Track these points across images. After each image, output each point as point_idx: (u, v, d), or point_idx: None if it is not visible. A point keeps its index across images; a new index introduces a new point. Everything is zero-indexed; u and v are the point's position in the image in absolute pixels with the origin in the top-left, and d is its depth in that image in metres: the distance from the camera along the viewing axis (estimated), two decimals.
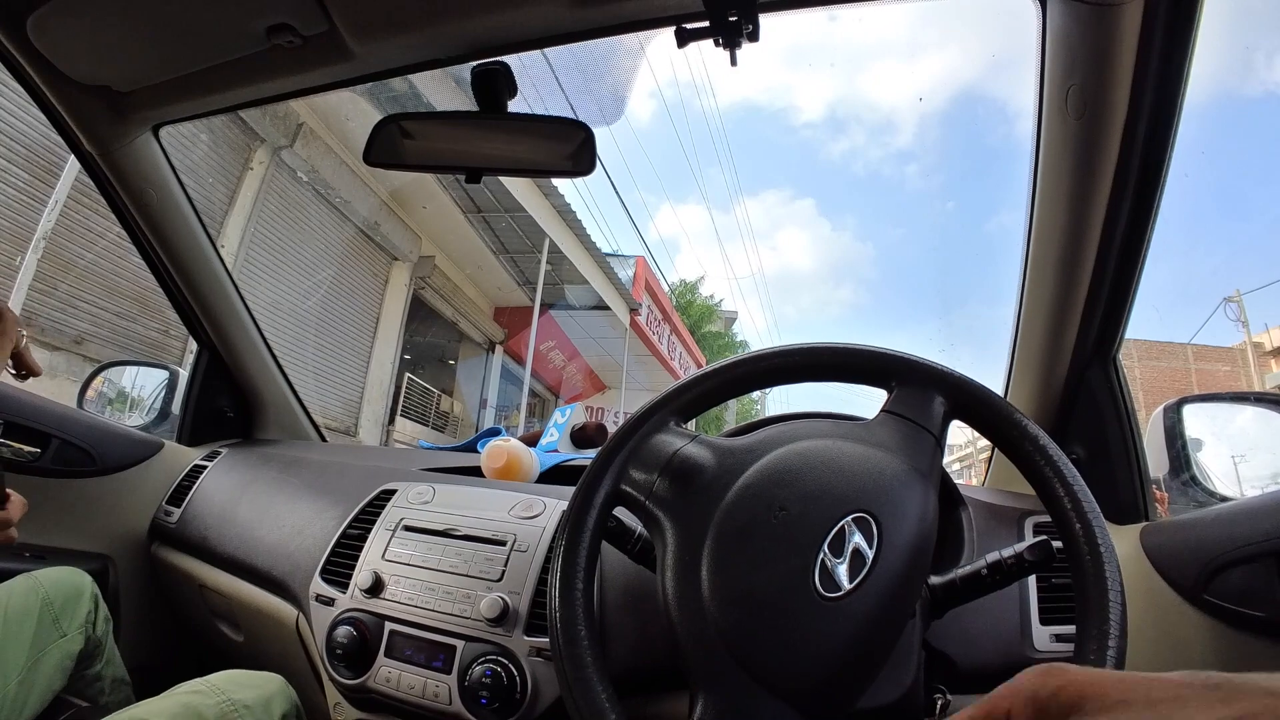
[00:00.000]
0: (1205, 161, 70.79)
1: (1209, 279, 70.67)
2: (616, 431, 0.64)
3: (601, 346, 11.74)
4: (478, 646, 0.80)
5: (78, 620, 0.95)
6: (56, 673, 0.91)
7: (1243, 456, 1.07)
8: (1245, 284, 35.27)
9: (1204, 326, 21.16)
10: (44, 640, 0.90)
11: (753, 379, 0.66)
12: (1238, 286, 19.06)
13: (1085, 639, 0.51)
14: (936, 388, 0.62)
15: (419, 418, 8.95)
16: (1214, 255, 70.58)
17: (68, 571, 0.99)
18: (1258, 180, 74.27)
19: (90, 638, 0.97)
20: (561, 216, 8.72)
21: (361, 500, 1.00)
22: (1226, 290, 23.63)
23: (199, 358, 1.45)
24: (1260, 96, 59.73)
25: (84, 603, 0.98)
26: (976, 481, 1.47)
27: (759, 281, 44.90)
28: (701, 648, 0.54)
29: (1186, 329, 33.69)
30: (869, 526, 0.55)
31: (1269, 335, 11.75)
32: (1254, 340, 11.92)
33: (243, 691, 0.85)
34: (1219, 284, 54.94)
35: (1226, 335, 12.71)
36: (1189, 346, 12.55)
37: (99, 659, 1.00)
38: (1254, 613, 0.67)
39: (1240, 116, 62.52)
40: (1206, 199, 68.60)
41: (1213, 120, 60.62)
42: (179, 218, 1.26)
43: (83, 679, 0.97)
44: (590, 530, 0.61)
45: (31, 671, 0.87)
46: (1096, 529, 0.55)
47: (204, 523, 1.20)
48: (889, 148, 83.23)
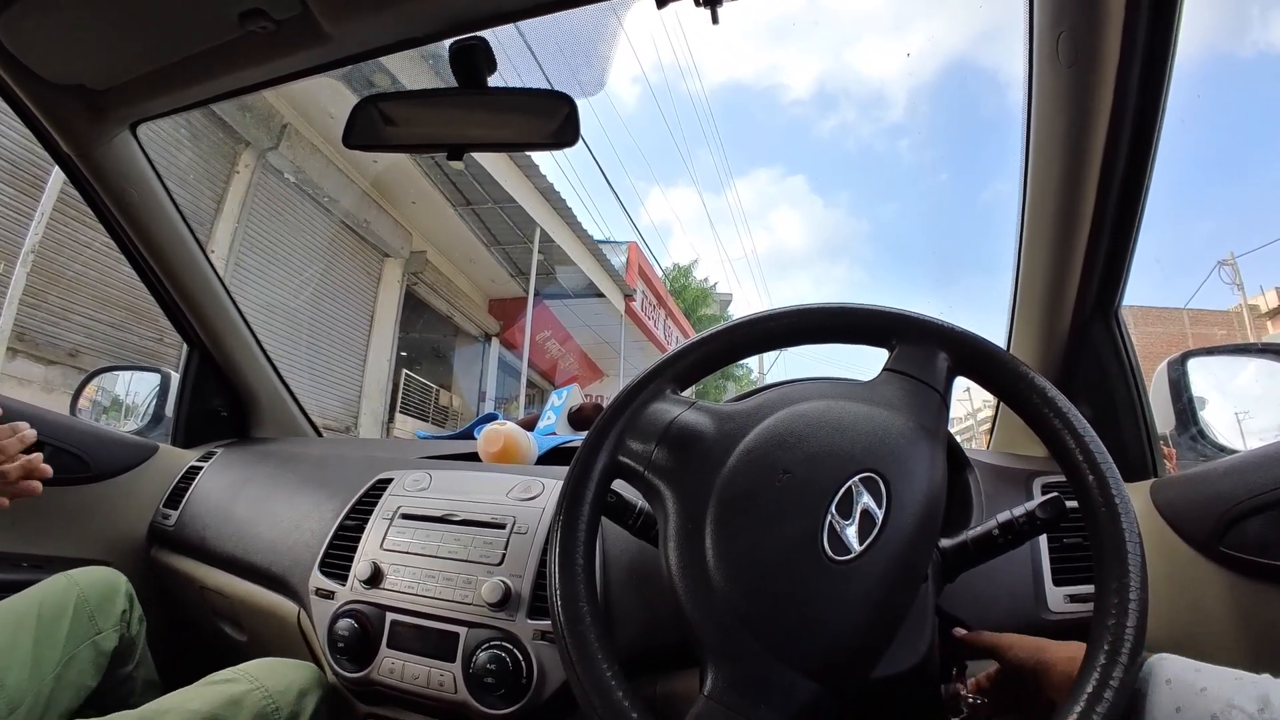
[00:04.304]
0: (1199, 125, 70.92)
1: (1204, 244, 70.76)
2: (612, 402, 0.63)
3: (597, 334, 11.70)
4: (481, 632, 0.79)
5: (112, 618, 0.95)
6: (90, 669, 0.91)
7: (1247, 413, 1.05)
8: (1240, 247, 35.26)
9: (1200, 290, 21.16)
10: (79, 637, 0.90)
11: (751, 343, 0.64)
12: (1232, 249, 19.05)
13: (1105, 593, 0.50)
14: (939, 344, 0.60)
15: (418, 413, 8.92)
16: (1208, 219, 70.59)
17: (104, 571, 1.00)
18: (1251, 143, 74.20)
19: (124, 636, 0.97)
20: (552, 205, 8.67)
21: (358, 491, 0.99)
22: (1221, 254, 23.62)
23: (189, 358, 1.44)
24: (1253, 58, 59.59)
25: (119, 601, 0.98)
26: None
27: (753, 262, 44.86)
28: (708, 618, 0.52)
29: (1182, 294, 33.67)
30: (877, 486, 0.53)
31: (1264, 298, 11.74)
32: (1250, 303, 11.92)
33: (275, 679, 0.85)
34: (1213, 248, 55.02)
35: (1222, 299, 12.71)
36: (1185, 311, 12.54)
37: (131, 659, 1.00)
38: (1273, 562, 0.66)
39: (1234, 78, 62.37)
40: (1200, 164, 68.53)
41: (1206, 83, 60.49)
42: (162, 216, 1.24)
43: (115, 678, 0.96)
44: (589, 503, 0.59)
45: (66, 668, 0.87)
46: (1110, 479, 0.53)
47: (202, 523, 1.19)
48: (880, 122, 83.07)
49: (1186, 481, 0.81)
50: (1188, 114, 39.39)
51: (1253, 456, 0.73)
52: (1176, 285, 56.11)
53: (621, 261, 11.26)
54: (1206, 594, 0.73)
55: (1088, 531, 0.54)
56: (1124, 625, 0.47)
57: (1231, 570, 0.71)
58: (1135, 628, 0.47)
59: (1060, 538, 0.80)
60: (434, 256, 8.98)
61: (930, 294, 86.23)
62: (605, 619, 0.78)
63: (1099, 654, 0.47)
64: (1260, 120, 77.10)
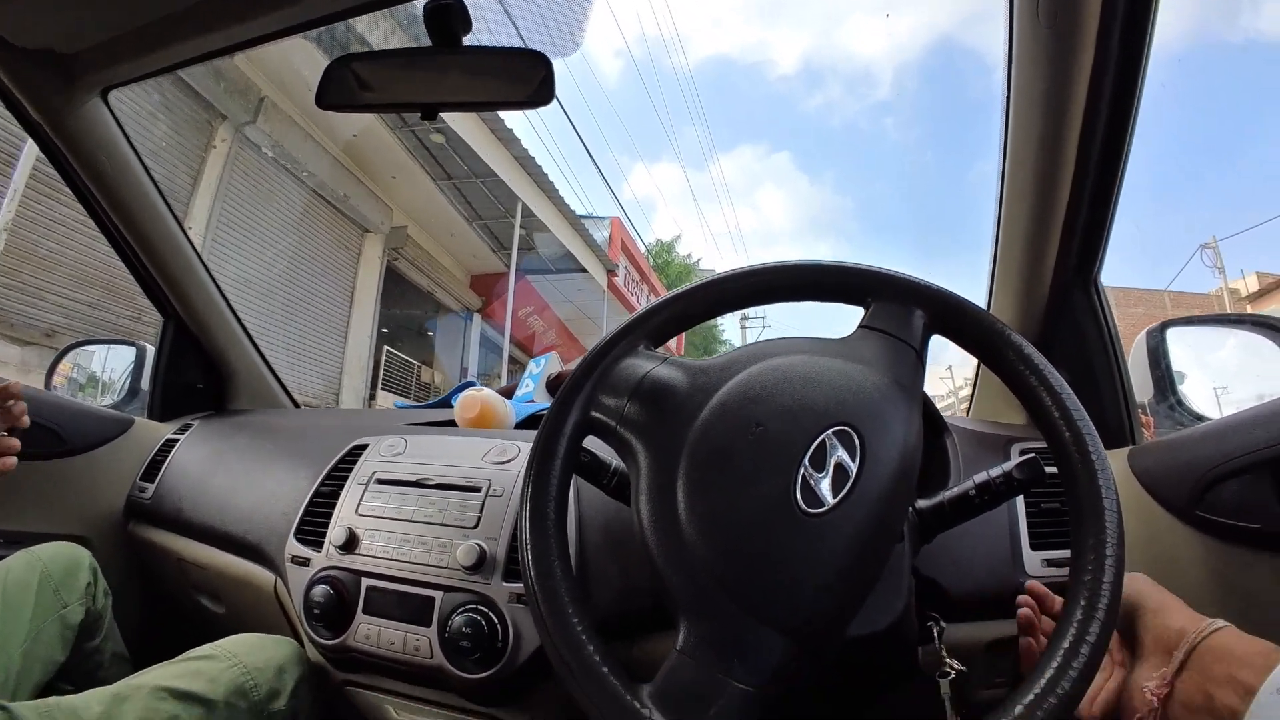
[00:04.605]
0: (1186, 109, 71.31)
1: (1186, 228, 71.43)
2: (584, 358, 0.62)
3: (580, 309, 11.64)
4: (456, 596, 0.78)
5: (77, 592, 0.94)
6: (58, 644, 0.90)
7: (1225, 388, 1.06)
8: (1222, 231, 35.58)
9: (1181, 273, 21.32)
10: (44, 611, 0.89)
11: (726, 299, 0.63)
12: (1214, 233, 19.21)
13: (1082, 550, 0.50)
14: (916, 301, 0.60)
15: (400, 390, 8.87)
16: (1192, 203, 71.21)
17: (65, 546, 0.98)
18: (1236, 127, 74.74)
19: (90, 610, 0.96)
20: (533, 178, 8.60)
21: (333, 458, 0.98)
22: (1203, 238, 23.85)
23: (164, 330, 1.41)
24: (1242, 44, 59.85)
25: (83, 574, 0.97)
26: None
27: (736, 238, 44.69)
28: (681, 574, 0.52)
29: (1164, 277, 33.96)
30: (851, 440, 0.52)
31: (1245, 281, 11.85)
32: (1230, 286, 12.03)
33: (255, 655, 0.84)
34: (1195, 232, 55.58)
35: (1204, 282, 12.82)
36: (1166, 293, 12.63)
37: (99, 632, 0.99)
38: (1249, 525, 0.66)
39: (1222, 63, 62.60)
40: (1186, 148, 68.93)
41: (1195, 66, 60.76)
42: (135, 185, 1.22)
43: (82, 651, 0.95)
44: (560, 459, 0.58)
45: (34, 642, 0.86)
46: (1087, 436, 0.53)
47: (178, 495, 1.17)
48: (866, 100, 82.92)
49: (1164, 448, 0.81)
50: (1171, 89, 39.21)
51: (1229, 421, 0.73)
52: (1158, 269, 56.73)
53: (604, 236, 11.25)
54: (1183, 557, 0.74)
55: (1064, 489, 0.53)
56: (1100, 581, 0.47)
57: (1208, 534, 0.71)
58: (1111, 584, 0.47)
59: (1038, 502, 0.80)
60: (414, 232, 8.90)
61: (914, 269, 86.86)
62: (581, 580, 0.78)
63: (1076, 609, 0.47)
64: (1248, 106, 77.69)
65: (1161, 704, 0.41)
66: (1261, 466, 0.64)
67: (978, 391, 1.10)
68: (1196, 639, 0.41)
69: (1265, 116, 78.47)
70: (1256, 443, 0.65)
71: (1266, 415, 0.66)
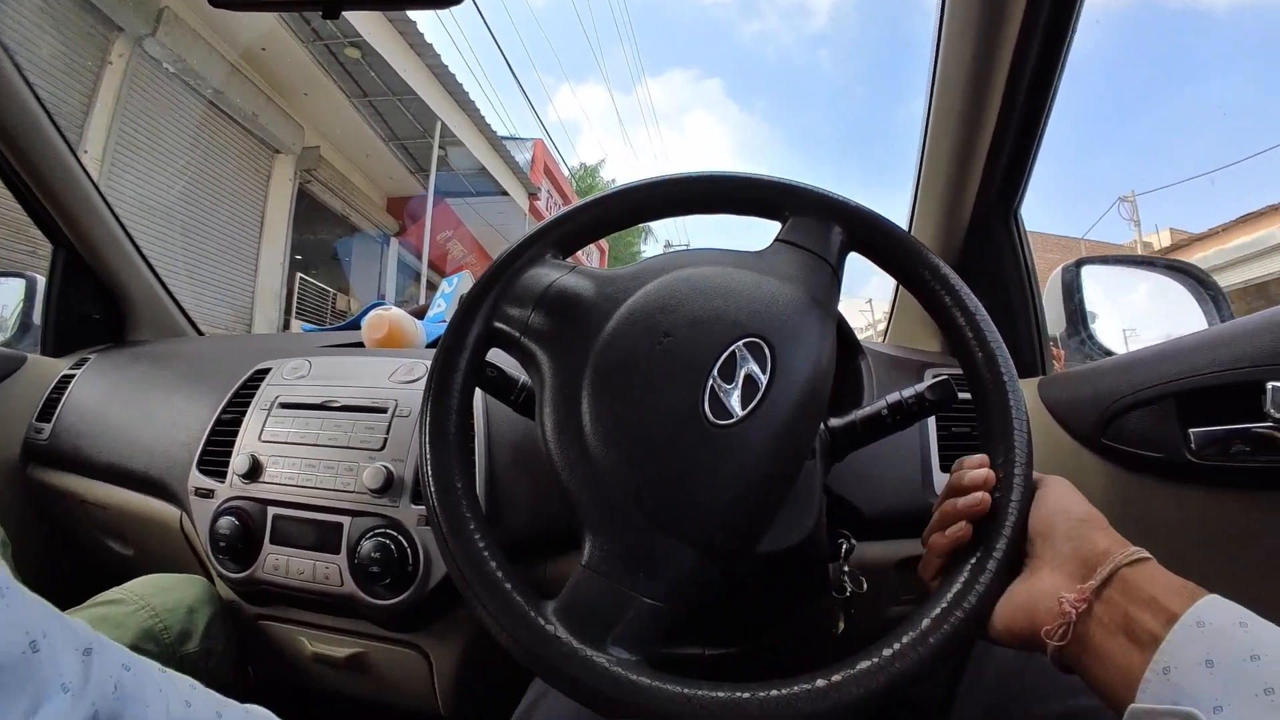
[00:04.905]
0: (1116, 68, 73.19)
1: (1105, 181, 74.24)
2: (489, 267, 0.59)
3: (501, 233, 11.22)
4: (365, 521, 0.76)
5: None
6: None
7: (1134, 330, 1.10)
8: (1141, 186, 37.04)
9: (1099, 223, 22.20)
10: None
11: (638, 210, 0.61)
12: (1133, 187, 19.98)
13: (991, 468, 0.50)
14: (834, 217, 0.58)
15: (316, 319, 8.46)
16: (1112, 157, 73.90)
17: None
18: (1160, 87, 77.41)
19: None
20: (453, 96, 8.27)
21: (235, 383, 0.93)
22: (1122, 191, 24.79)
23: (55, 258, 1.31)
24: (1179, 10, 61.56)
25: None
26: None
27: (663, 163, 44.14)
28: (586, 487, 0.50)
29: (1081, 226, 35.32)
30: (762, 352, 0.51)
31: (1158, 236, 12.33)
32: (1144, 239, 12.50)
33: (164, 597, 0.80)
34: (1115, 184, 57.86)
35: (1120, 233, 13.28)
36: (1082, 241, 12.98)
37: None
38: (1152, 454, 0.68)
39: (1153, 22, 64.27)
40: (1110, 102, 71.08)
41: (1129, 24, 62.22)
42: (15, 101, 1.11)
43: None
44: (462, 371, 0.56)
45: None
46: (1000, 357, 0.53)
47: (76, 433, 1.10)
48: (802, 32, 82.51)
49: (1074, 378, 0.84)
50: (1104, 45, 39.45)
51: (1137, 355, 0.75)
52: (1077, 218, 59.03)
53: (527, 159, 11.02)
54: (1088, 482, 0.76)
55: (975, 407, 0.54)
56: (1008, 499, 0.47)
57: (1112, 461, 0.74)
58: (1019, 502, 0.47)
59: (949, 426, 0.82)
60: (328, 152, 8.46)
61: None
62: (490, 501, 0.77)
63: (983, 526, 0.48)
64: (1175, 68, 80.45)
65: (1077, 618, 0.41)
66: (1167, 399, 0.66)
67: (894, 317, 1.11)
68: (1123, 560, 0.41)
69: (1192, 81, 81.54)
70: (1163, 376, 0.67)
71: (1174, 350, 0.68)
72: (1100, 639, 0.40)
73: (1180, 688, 0.34)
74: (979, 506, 0.47)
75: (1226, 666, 0.33)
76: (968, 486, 0.49)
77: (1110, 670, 0.39)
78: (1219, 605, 0.37)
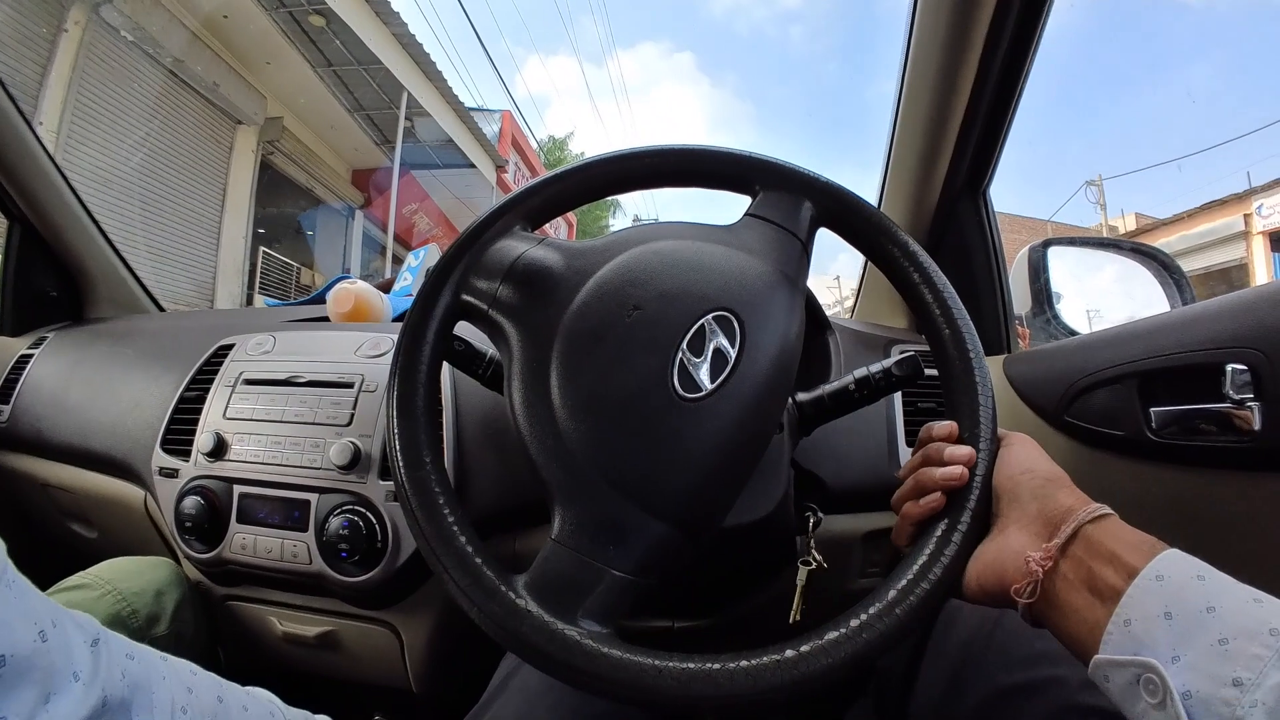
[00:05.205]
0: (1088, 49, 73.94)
1: (1073, 164, 75.40)
2: (457, 239, 0.58)
3: (468, 207, 11.02)
4: (332, 498, 0.75)
5: None
6: None
7: (1098, 312, 1.12)
8: (1108, 170, 37.57)
9: (1065, 205, 22.50)
10: None
11: (608, 182, 0.60)
12: (1100, 171, 20.26)
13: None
14: (805, 193, 0.58)
15: (280, 293, 8.26)
16: (1081, 141, 74.96)
17: None
18: (1132, 73, 78.50)
19: None
20: (419, 65, 8.07)
21: (199, 359, 0.91)
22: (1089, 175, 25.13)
23: (10, 234, 1.26)
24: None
25: None
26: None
27: (633, 137, 43.62)
28: (555, 460, 0.50)
29: (1048, 208, 35.80)
30: (731, 326, 0.51)
31: (1124, 219, 12.55)
32: (1110, 223, 12.70)
33: (130, 580, 0.78)
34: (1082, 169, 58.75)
35: (1086, 216, 13.49)
36: (1050, 224, 13.13)
37: None
38: (1114, 431, 0.69)
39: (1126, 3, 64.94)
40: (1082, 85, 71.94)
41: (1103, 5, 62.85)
42: None
43: None
44: (429, 344, 0.55)
45: None
46: (966, 333, 0.54)
47: (36, 415, 1.07)
48: (774, 6, 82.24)
49: (1039, 356, 0.85)
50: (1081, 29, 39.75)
51: (1101, 335, 0.76)
52: (1044, 201, 59.91)
53: (495, 131, 10.84)
54: (1051, 459, 0.78)
55: (941, 382, 0.54)
56: (974, 474, 0.48)
57: (1074, 438, 0.75)
58: (984, 475, 0.48)
59: (915, 402, 0.83)
60: (292, 124, 8.24)
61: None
62: (459, 475, 0.76)
63: (949, 497, 0.48)
64: (1147, 54, 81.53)
65: (1044, 576, 0.42)
66: (1130, 378, 0.67)
67: (862, 294, 1.12)
68: (1085, 518, 0.42)
69: (1162, 67, 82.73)
70: (1126, 356, 0.68)
71: (1137, 332, 0.69)
72: (1066, 594, 0.41)
73: (1140, 639, 0.36)
74: (958, 481, 0.48)
75: (1184, 618, 0.35)
76: (948, 460, 0.50)
77: (1076, 624, 0.40)
78: (1178, 559, 0.38)
